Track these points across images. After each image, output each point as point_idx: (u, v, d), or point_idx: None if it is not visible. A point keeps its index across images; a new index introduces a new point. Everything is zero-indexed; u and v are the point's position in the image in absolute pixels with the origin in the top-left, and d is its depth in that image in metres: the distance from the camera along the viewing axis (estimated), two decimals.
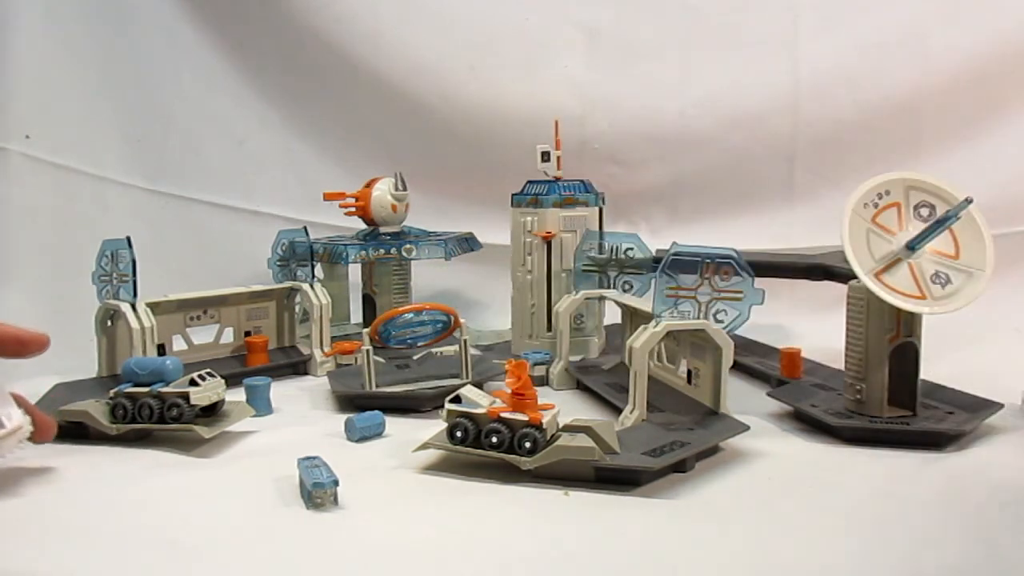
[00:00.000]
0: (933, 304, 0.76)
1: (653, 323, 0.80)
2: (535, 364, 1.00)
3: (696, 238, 0.98)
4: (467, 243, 1.24)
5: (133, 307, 0.96)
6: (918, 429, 0.77)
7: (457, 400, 0.72)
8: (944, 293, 0.77)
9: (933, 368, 0.85)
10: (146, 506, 0.65)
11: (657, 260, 0.91)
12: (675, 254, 0.81)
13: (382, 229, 1.21)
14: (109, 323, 1.00)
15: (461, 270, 1.38)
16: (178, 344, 1.06)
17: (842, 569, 0.54)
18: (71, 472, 0.72)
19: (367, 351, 0.92)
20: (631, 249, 1.02)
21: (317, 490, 0.63)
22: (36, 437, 0.69)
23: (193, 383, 0.78)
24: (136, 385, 0.79)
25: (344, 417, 0.83)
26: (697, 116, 1.39)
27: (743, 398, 0.89)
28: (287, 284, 1.14)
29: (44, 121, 1.44)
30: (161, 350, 1.01)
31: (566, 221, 1.07)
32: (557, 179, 1.08)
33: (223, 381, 0.81)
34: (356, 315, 1.28)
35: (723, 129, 1.38)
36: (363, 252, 1.15)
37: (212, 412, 0.80)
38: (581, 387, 1.00)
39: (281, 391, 0.96)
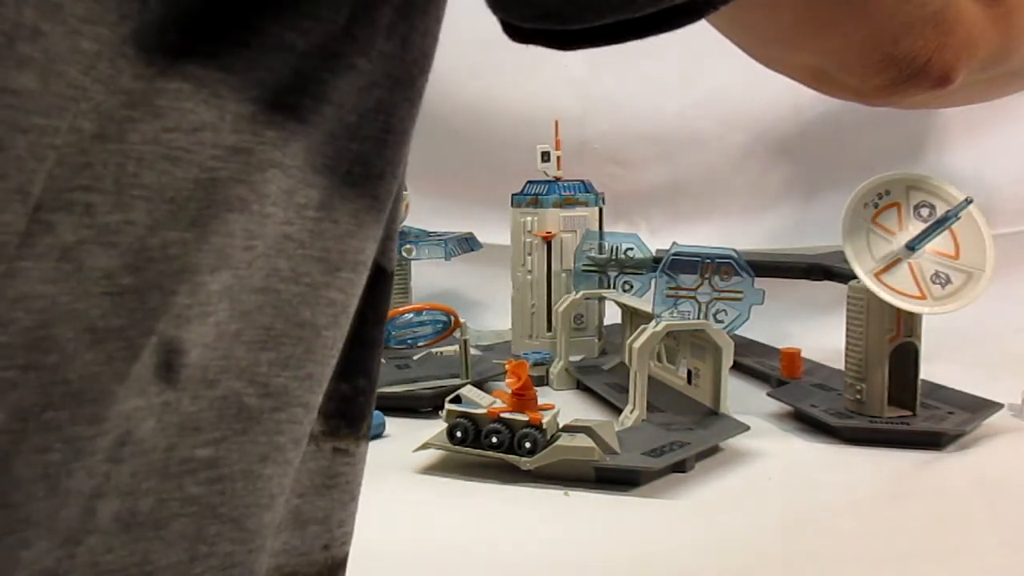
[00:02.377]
0: (933, 304, 0.76)
1: (653, 323, 0.80)
2: (535, 364, 1.00)
3: (696, 238, 0.98)
4: (467, 243, 1.24)
5: None
6: (918, 429, 0.77)
7: (457, 400, 0.72)
8: (944, 293, 0.77)
9: (933, 368, 0.85)
10: None
11: (657, 260, 0.91)
12: (675, 254, 0.81)
13: None
14: None
15: (461, 270, 1.37)
16: None
17: (842, 569, 0.54)
18: None
19: None
20: (631, 249, 1.02)
21: None
22: None
23: None
24: None
25: None
26: (697, 116, 1.39)
27: (743, 398, 0.89)
28: None
29: None
30: None
31: (566, 221, 1.07)
32: (557, 179, 1.08)
33: None
34: None
35: (723, 129, 1.38)
36: None
37: None
38: (581, 387, 1.00)
39: None
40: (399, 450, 0.76)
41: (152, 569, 0.20)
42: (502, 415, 0.69)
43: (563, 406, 0.74)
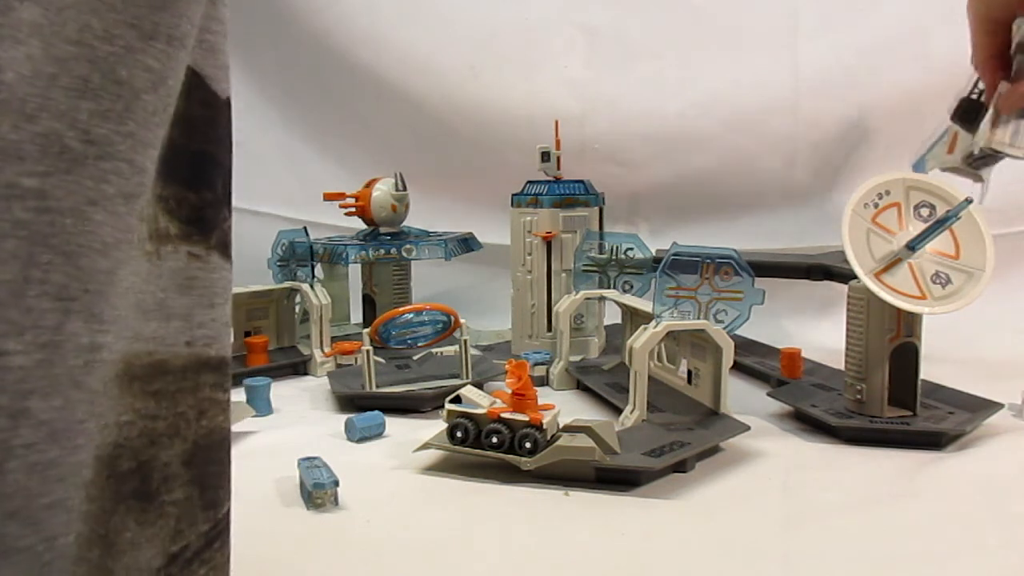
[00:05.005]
0: (933, 304, 0.76)
1: (653, 323, 0.80)
2: (535, 364, 1.00)
3: (696, 238, 0.98)
4: (467, 243, 1.24)
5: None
6: (918, 429, 0.77)
7: (457, 400, 0.72)
8: (944, 293, 0.77)
9: (933, 368, 0.85)
10: None
11: (657, 260, 0.91)
12: (675, 254, 0.81)
13: (382, 229, 1.21)
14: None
15: (461, 270, 1.38)
16: None
17: (842, 569, 0.54)
18: None
19: (367, 351, 0.92)
20: (631, 249, 1.02)
21: (317, 490, 0.63)
22: None
23: None
24: None
25: (344, 417, 0.83)
26: (697, 116, 1.39)
27: (743, 398, 0.89)
28: (287, 284, 1.14)
29: None
30: None
31: (566, 221, 1.07)
32: (557, 179, 1.08)
33: None
34: (356, 315, 1.28)
35: (723, 129, 1.38)
36: (363, 252, 1.15)
37: None
38: (581, 387, 1.00)
39: (281, 391, 0.96)
40: (399, 450, 0.76)
41: None
42: (502, 415, 0.69)
43: (563, 406, 0.74)
